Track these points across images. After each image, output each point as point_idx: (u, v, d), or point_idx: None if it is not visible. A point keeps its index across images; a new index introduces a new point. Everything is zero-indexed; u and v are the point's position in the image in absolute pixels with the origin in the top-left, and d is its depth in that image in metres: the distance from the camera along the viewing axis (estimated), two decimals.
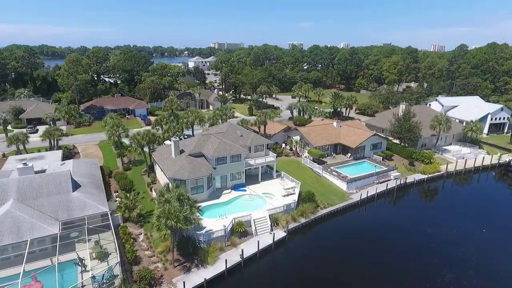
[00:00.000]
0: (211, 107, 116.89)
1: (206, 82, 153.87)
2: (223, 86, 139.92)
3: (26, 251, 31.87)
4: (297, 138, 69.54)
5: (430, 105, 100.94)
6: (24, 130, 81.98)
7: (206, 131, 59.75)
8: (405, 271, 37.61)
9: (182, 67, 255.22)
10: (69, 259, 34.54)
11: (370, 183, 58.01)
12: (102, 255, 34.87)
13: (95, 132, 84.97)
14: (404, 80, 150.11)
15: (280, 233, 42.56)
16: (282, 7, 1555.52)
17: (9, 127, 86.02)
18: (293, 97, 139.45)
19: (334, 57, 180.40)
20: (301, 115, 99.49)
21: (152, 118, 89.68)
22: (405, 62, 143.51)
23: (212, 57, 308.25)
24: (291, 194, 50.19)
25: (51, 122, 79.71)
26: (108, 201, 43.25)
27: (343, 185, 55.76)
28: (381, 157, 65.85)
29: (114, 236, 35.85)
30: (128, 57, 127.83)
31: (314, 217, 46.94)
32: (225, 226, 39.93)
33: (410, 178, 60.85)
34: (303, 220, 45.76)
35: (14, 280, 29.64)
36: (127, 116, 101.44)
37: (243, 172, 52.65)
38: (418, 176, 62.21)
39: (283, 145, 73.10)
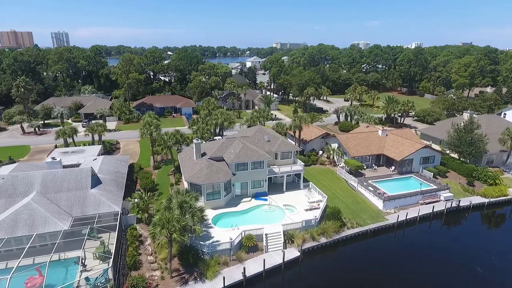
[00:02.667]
0: (256, 108, 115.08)
1: (257, 82, 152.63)
2: (272, 87, 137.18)
3: (28, 245, 32.74)
4: (335, 145, 63.90)
5: (505, 114, 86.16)
6: (80, 124, 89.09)
7: (231, 135, 57.62)
8: None
9: (239, 66, 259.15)
10: (75, 256, 34.87)
11: (414, 203, 50.38)
12: (104, 256, 34.59)
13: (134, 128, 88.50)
14: (477, 84, 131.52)
15: (294, 253, 38.50)
16: (348, 6, 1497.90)
17: (69, 120, 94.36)
18: (346, 100, 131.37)
19: (397, 57, 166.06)
20: (348, 120, 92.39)
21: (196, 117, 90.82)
22: (479, 64, 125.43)
23: (269, 56, 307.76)
24: (314, 208, 45.55)
25: (100, 117, 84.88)
26: (124, 200, 43.52)
27: (379, 203, 49.21)
28: (432, 173, 57.05)
29: (116, 238, 35.41)
30: (181, 57, 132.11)
31: (337, 238, 41.77)
32: (231, 239, 37.19)
33: (465, 201, 51.52)
34: (323, 240, 40.92)
35: (19, 271, 30.59)
36: (173, 114, 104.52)
37: (265, 180, 49.35)
38: (477, 199, 52.46)
39: (320, 152, 67.89)
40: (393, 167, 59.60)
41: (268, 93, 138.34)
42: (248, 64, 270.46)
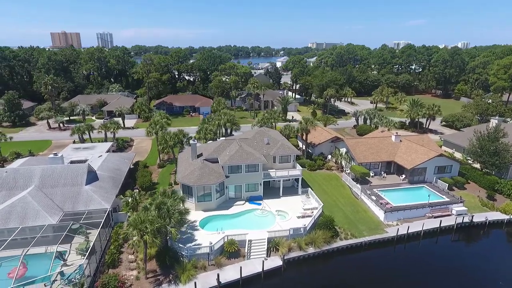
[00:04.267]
0: (275, 109, 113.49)
1: (281, 82, 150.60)
2: (294, 88, 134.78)
3: (11, 237, 34.22)
4: (343, 150, 61.03)
5: None
6: (102, 121, 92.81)
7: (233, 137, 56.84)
8: None
9: (269, 67, 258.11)
10: (61, 250, 35.92)
11: (420, 216, 46.61)
12: (85, 252, 35.32)
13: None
14: None
15: (276, 261, 36.96)
16: (390, 4, 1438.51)
17: (94, 117, 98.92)
18: (372, 103, 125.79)
19: (431, 58, 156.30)
20: (367, 123, 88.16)
21: None
22: None
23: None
24: (307, 216, 43.57)
25: (118, 115, 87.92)
26: (117, 197, 44.39)
27: (380, 214, 46.09)
28: (447, 184, 52.52)
29: (98, 235, 36.06)
30: (205, 57, 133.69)
31: (327, 249, 39.54)
32: (211, 243, 36.46)
33: (480, 217, 46.75)
34: (311, 250, 38.92)
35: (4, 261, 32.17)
36: (191, 114, 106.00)
37: (260, 184, 48.09)
38: (494, 215, 47.46)
39: (329, 156, 65.20)
40: (403, 176, 55.70)
41: (290, 94, 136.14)
42: (278, 64, 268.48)
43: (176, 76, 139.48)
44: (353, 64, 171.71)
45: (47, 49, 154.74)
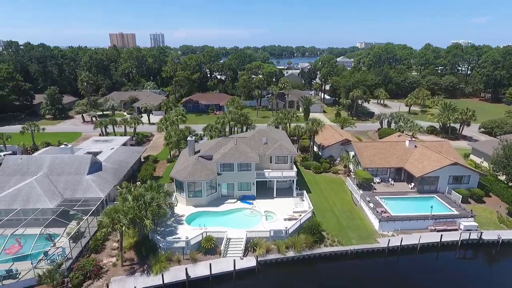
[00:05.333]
0: (300, 109, 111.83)
1: (312, 83, 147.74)
2: (323, 88, 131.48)
3: (6, 217, 37.77)
4: (352, 154, 58.44)
5: None
6: (131, 116, 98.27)
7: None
8: None
9: (308, 66, 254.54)
10: (53, 232, 38.87)
11: (421, 228, 43.16)
12: (74, 236, 37.94)
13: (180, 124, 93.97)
14: None
15: (251, 262, 36.58)
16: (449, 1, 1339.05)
17: (125, 113, 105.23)
18: (406, 105, 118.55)
19: (480, 59, 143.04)
20: (392, 127, 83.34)
21: None
22: None
23: (342, 57, 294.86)
24: (294, 219, 42.48)
25: (144, 111, 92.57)
26: (115, 187, 46.93)
27: (375, 222, 43.48)
28: (461, 196, 47.97)
29: (87, 222, 38.62)
30: (235, 56, 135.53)
31: (308, 254, 38.21)
32: (187, 238, 37.15)
33: (491, 235, 42.00)
34: (290, 254, 37.91)
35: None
36: (215, 112, 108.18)
37: (253, 183, 47.82)
38: (510, 234, 42.36)
39: (339, 159, 62.77)
40: (412, 184, 51.92)
41: (321, 94, 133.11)
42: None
43: (208, 75, 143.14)
44: (393, 64, 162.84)
45: (93, 48, 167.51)
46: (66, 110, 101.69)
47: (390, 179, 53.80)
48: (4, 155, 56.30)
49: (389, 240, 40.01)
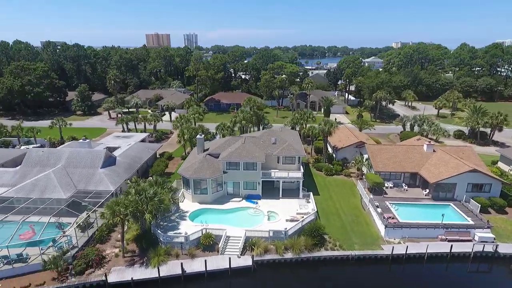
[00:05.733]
0: (322, 110, 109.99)
1: (338, 83, 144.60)
2: (348, 89, 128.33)
3: (22, 205, 40.39)
4: (366, 156, 56.66)
5: None
6: (151, 113, 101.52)
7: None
8: None
9: (334, 66, 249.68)
10: (66, 221, 41.05)
11: (432, 237, 40.99)
12: (83, 226, 39.96)
13: (201, 122, 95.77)
14: None
15: (247, 261, 36.57)
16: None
17: (149, 110, 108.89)
18: (436, 108, 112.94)
19: None
20: (414, 130, 79.81)
21: None
22: None
23: (373, 57, 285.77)
24: (296, 220, 41.95)
25: (165, 109, 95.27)
26: (125, 181, 48.79)
27: (382, 228, 41.90)
28: (480, 205, 45.01)
29: (95, 213, 40.46)
30: (260, 56, 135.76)
31: (307, 257, 37.57)
32: (186, 233, 37.88)
33: (508, 248, 39.04)
34: (289, 256, 37.48)
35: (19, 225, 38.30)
36: (235, 111, 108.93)
37: (259, 183, 47.78)
38: None
39: (353, 162, 61.06)
40: (427, 191, 49.45)
41: (347, 95, 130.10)
42: None
43: (233, 75, 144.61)
44: (426, 65, 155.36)
45: (125, 48, 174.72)
46: (95, 107, 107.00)
47: (404, 184, 51.58)
48: (33, 147, 60.49)
49: (393, 247, 38.39)
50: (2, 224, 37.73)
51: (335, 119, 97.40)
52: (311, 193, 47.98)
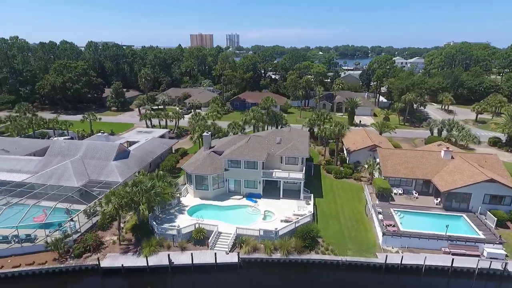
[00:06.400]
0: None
1: (371, 84, 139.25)
2: (378, 90, 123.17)
3: (36, 190, 44.15)
4: (378, 160, 54.36)
5: None
6: (180, 111, 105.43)
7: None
8: None
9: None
10: (77, 208, 44.19)
11: (435, 248, 38.46)
12: (89, 213, 42.90)
13: (224, 120, 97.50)
14: None
15: (233, 258, 36.95)
16: None
17: (177, 107, 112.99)
18: (476, 112, 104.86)
19: None
20: (442, 135, 74.82)
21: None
22: None
23: (417, 57, 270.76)
24: (289, 221, 41.50)
25: (190, 107, 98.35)
26: (134, 174, 51.43)
27: (380, 236, 40.08)
28: (496, 219, 41.34)
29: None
30: (289, 56, 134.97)
31: (295, 258, 37.09)
32: (178, 227, 39.16)
33: None
34: (277, 256, 37.26)
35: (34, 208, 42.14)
36: None
37: (260, 182, 47.89)
38: None
39: (366, 166, 58.78)
40: (438, 200, 46.36)
41: (378, 97, 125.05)
42: None
43: (262, 74, 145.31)
44: (471, 65, 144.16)
45: (162, 48, 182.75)
46: (128, 104, 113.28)
47: (414, 192, 48.77)
48: (63, 139, 65.87)
49: (386, 256, 36.60)
50: (18, 206, 41.65)
51: (360, 121, 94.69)
52: (312, 195, 47.17)
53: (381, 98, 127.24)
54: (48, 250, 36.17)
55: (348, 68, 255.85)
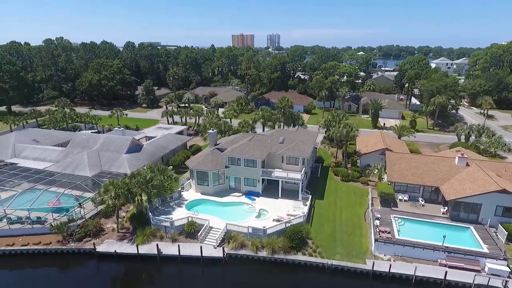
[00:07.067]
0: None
1: (404, 86, 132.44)
2: (410, 92, 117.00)
3: (52, 177, 48.13)
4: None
5: None
6: (204, 109, 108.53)
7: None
8: None
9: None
10: (85, 196, 47.66)
11: (431, 259, 36.33)
12: (95, 201, 45.97)
13: (243, 118, 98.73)
14: None
15: (219, 253, 37.68)
16: None
17: (203, 106, 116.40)
18: None
19: None
20: (471, 141, 69.61)
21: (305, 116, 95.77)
22: None
23: (464, 58, 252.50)
24: (280, 220, 41.38)
25: (213, 106, 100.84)
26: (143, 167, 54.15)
27: (372, 242, 38.64)
28: (507, 233, 38.06)
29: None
30: (318, 56, 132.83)
31: (281, 258, 37.00)
32: (171, 219, 40.77)
33: None
34: (262, 254, 37.45)
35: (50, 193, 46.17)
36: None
37: (259, 180, 48.20)
38: None
39: (376, 170, 56.60)
40: (445, 209, 43.52)
41: (411, 99, 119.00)
42: (433, 66, 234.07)
43: (291, 74, 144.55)
44: None
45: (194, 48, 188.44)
46: (157, 101, 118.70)
47: (421, 199, 46.20)
48: (90, 132, 71.12)
49: (373, 262, 35.24)
50: (34, 191, 45.81)
51: (384, 124, 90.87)
52: (310, 196, 46.55)
53: (415, 101, 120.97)
54: (52, 233, 39.51)
55: (388, 69, 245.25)
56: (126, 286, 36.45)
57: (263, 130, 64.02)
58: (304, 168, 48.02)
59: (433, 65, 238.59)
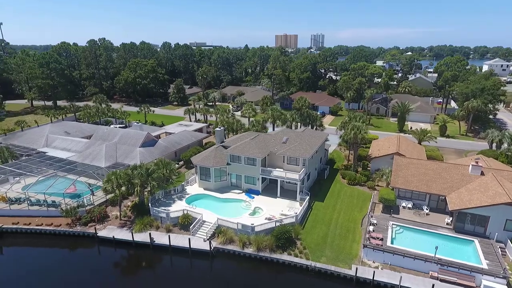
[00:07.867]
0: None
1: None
2: (446, 95, 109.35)
3: (71, 165, 52.50)
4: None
5: None
6: (231, 107, 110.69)
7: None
8: None
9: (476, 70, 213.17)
10: (99, 185, 51.42)
11: (423, 271, 34.43)
12: (106, 190, 49.51)
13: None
14: None
15: (206, 246, 38.83)
16: None
17: (230, 104, 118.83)
18: None
19: None
20: (502, 149, 63.87)
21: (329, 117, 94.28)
22: None
23: None
24: (272, 219, 41.53)
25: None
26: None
27: (361, 248, 37.42)
28: None
29: None
30: (351, 56, 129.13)
31: (266, 256, 37.25)
32: (168, 210, 42.74)
33: None
34: (248, 251, 37.99)
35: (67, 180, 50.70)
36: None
37: (258, 178, 48.66)
38: None
39: (375, 174, 54.34)
40: (450, 219, 40.74)
41: (450, 102, 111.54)
42: (485, 68, 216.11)
43: (322, 75, 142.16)
44: None
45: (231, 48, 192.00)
46: (187, 99, 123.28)
47: (425, 207, 43.63)
48: (119, 127, 76.36)
49: (356, 268, 34.16)
50: (56, 178, 50.47)
51: (410, 127, 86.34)
52: (307, 197, 46.05)
53: (454, 104, 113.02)
54: (62, 216, 43.40)
55: (431, 70, 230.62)
56: (120, 269, 38.97)
57: (273, 130, 64.14)
58: (304, 169, 47.59)
59: (485, 67, 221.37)
